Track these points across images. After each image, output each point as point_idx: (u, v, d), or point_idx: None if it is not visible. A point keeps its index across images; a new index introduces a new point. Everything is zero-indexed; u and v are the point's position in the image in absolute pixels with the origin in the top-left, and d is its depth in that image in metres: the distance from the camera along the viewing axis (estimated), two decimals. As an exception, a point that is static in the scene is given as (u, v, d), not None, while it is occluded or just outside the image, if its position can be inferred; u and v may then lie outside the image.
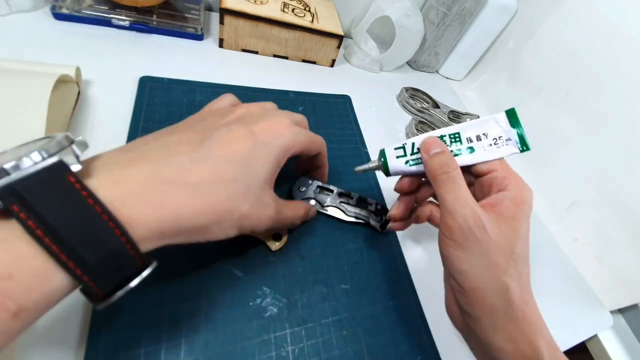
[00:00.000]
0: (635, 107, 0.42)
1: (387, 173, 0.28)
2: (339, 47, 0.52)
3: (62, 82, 0.29)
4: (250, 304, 0.27)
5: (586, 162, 0.47)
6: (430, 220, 0.29)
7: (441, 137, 0.26)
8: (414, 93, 0.58)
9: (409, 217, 0.30)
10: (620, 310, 0.45)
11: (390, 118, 0.53)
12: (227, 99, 0.27)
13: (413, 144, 0.26)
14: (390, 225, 0.30)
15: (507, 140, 0.26)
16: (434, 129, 0.53)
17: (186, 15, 0.46)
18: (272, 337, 0.26)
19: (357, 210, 0.34)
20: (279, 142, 0.24)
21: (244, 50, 0.49)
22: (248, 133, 0.22)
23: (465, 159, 0.26)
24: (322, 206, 0.34)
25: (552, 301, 0.41)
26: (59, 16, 0.39)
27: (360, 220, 0.34)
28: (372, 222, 0.34)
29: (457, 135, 0.26)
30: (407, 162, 0.27)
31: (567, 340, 0.38)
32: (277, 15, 0.46)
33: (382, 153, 0.28)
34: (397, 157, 0.27)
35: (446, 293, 0.25)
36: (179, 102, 0.37)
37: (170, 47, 0.44)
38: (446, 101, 0.59)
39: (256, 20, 0.45)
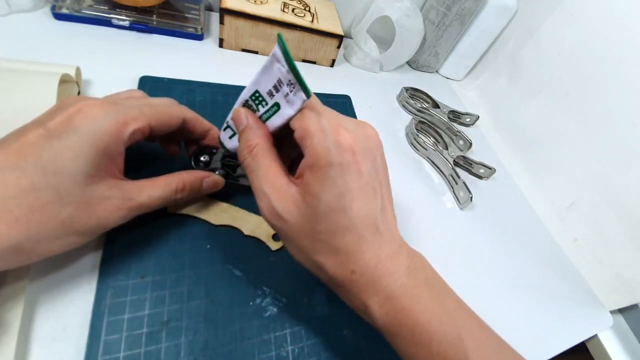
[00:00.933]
0: (636, 107, 0.42)
1: (229, 151, 0.27)
2: (339, 47, 0.52)
3: (62, 81, 0.29)
4: (250, 303, 0.27)
5: (586, 162, 0.47)
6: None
7: (246, 103, 0.23)
8: (413, 93, 0.58)
9: None
10: (620, 310, 0.45)
11: (390, 118, 0.53)
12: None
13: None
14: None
15: (292, 85, 0.20)
16: (434, 130, 0.53)
17: (186, 15, 0.46)
18: (272, 337, 0.26)
19: None
20: (90, 127, 0.20)
21: (244, 50, 0.49)
22: (40, 132, 0.19)
23: (275, 121, 0.22)
24: (234, 176, 0.30)
25: (552, 301, 0.41)
26: (59, 16, 0.39)
27: None
28: None
29: (258, 95, 0.22)
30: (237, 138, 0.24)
31: (567, 340, 0.38)
32: (277, 15, 0.46)
33: (219, 139, 0.27)
34: (230, 137, 0.26)
35: None
36: (179, 102, 0.37)
37: (170, 47, 0.44)
38: (446, 101, 0.59)
39: (256, 20, 0.45)
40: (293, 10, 0.49)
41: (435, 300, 0.21)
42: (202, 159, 0.29)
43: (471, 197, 0.43)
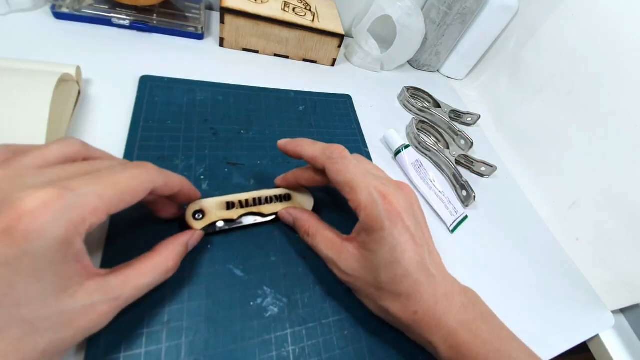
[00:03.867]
0: (637, 107, 0.42)
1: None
2: (339, 46, 0.52)
3: (62, 81, 0.29)
4: (251, 303, 0.27)
5: (587, 162, 0.47)
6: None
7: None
8: (415, 92, 0.58)
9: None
10: (622, 310, 0.45)
11: (391, 117, 0.53)
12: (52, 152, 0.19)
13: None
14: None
15: None
16: (435, 129, 0.53)
17: (187, 14, 0.46)
18: (273, 337, 0.26)
19: (273, 207, 0.31)
20: (40, 243, 0.15)
21: (244, 50, 0.49)
22: None
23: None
24: (234, 221, 0.29)
25: (554, 301, 0.41)
26: (59, 15, 0.39)
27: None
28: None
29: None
30: None
31: (568, 340, 0.37)
32: (278, 14, 0.46)
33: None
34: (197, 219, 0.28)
35: None
36: (179, 102, 0.37)
37: (170, 46, 0.44)
38: (447, 100, 0.58)
39: (257, 19, 0.45)
40: (294, 9, 0.49)
41: (491, 332, 0.24)
42: (197, 217, 0.27)
43: (474, 196, 0.43)
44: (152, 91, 0.36)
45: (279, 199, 0.31)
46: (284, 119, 0.41)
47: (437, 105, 0.57)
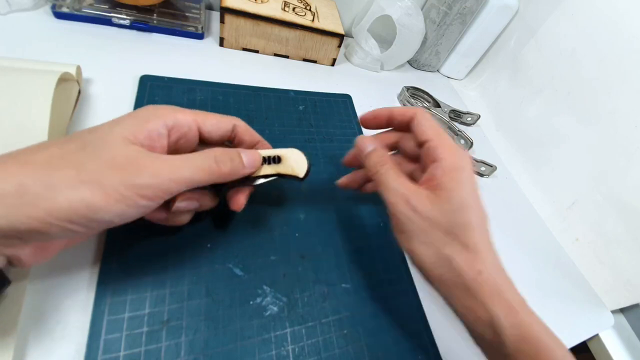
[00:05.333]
0: (637, 107, 0.42)
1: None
2: (339, 46, 0.52)
3: (63, 80, 0.29)
4: (251, 302, 0.27)
5: (587, 162, 0.47)
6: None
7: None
8: (415, 92, 0.58)
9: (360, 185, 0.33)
10: (622, 310, 0.45)
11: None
12: None
13: None
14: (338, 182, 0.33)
15: None
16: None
17: (187, 14, 0.46)
18: (273, 336, 0.26)
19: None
20: (133, 112, 0.22)
21: (244, 49, 0.49)
22: None
23: None
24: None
25: (553, 301, 0.41)
26: (59, 15, 0.39)
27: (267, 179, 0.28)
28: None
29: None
30: None
31: (568, 339, 0.37)
32: (278, 14, 0.46)
33: None
34: None
35: None
36: (179, 101, 0.37)
37: (170, 46, 0.44)
38: (447, 100, 0.59)
39: (257, 19, 0.45)
40: (294, 9, 0.49)
41: (543, 322, 0.22)
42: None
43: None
44: (152, 91, 0.36)
45: (267, 160, 0.27)
46: (284, 119, 0.41)
47: (437, 105, 0.57)
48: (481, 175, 0.51)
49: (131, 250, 0.26)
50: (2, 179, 0.16)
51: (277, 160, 0.27)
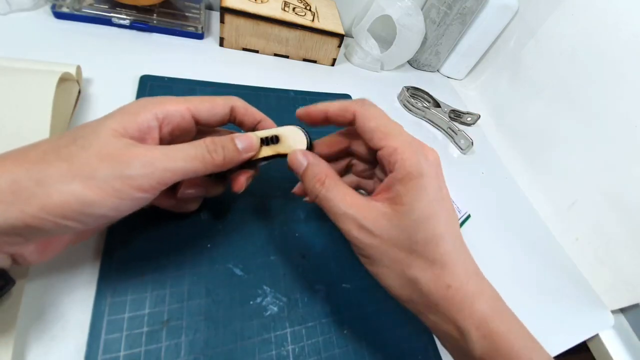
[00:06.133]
0: (637, 107, 0.42)
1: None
2: (339, 46, 0.52)
3: (63, 80, 0.29)
4: (251, 302, 0.27)
5: (587, 162, 0.47)
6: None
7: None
8: (414, 92, 0.58)
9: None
10: (622, 310, 0.45)
11: (391, 117, 0.53)
12: None
13: None
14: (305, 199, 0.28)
15: None
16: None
17: (187, 14, 0.46)
18: (273, 336, 0.26)
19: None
20: (124, 105, 0.21)
21: (244, 49, 0.49)
22: None
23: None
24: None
25: (553, 301, 0.41)
26: (59, 15, 0.39)
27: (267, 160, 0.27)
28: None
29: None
30: None
31: (568, 339, 0.37)
32: (278, 14, 0.46)
33: None
34: None
35: None
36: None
37: (170, 46, 0.44)
38: (447, 100, 0.58)
39: (257, 19, 0.45)
40: (294, 9, 0.49)
41: (521, 325, 0.21)
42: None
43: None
44: (152, 91, 0.36)
45: (265, 141, 0.25)
46: (284, 119, 0.41)
47: (437, 105, 0.57)
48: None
49: (131, 250, 0.26)
50: None
51: (275, 140, 0.26)
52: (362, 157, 0.27)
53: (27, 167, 0.17)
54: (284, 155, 0.26)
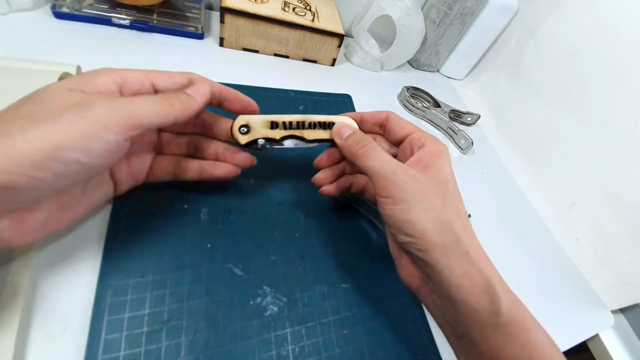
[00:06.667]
0: (637, 107, 0.42)
1: (241, 146, 0.28)
2: (339, 46, 0.52)
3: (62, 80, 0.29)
4: (251, 302, 0.27)
5: (587, 162, 0.47)
6: (364, 191, 0.32)
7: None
8: (414, 92, 0.58)
9: (340, 182, 0.31)
10: (622, 310, 0.45)
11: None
12: None
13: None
14: (321, 189, 0.31)
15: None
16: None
17: (187, 14, 0.46)
18: (273, 336, 0.26)
19: (315, 133, 0.30)
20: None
21: (244, 49, 0.49)
22: None
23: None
24: (276, 141, 0.29)
25: (553, 300, 0.41)
26: (59, 15, 0.39)
27: (321, 142, 0.30)
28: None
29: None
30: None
31: (568, 339, 0.37)
32: (278, 14, 0.46)
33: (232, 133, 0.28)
34: (243, 133, 0.28)
35: (397, 262, 0.27)
36: (179, 101, 0.37)
37: (170, 46, 0.44)
38: (447, 100, 0.58)
39: (257, 19, 0.45)
40: (294, 9, 0.49)
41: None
42: (241, 130, 0.28)
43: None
44: (152, 91, 0.36)
45: (322, 125, 0.30)
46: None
47: (437, 105, 0.57)
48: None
49: (131, 250, 0.26)
50: None
51: (330, 125, 0.30)
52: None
53: None
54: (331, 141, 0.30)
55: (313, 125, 0.30)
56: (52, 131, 0.17)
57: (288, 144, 0.29)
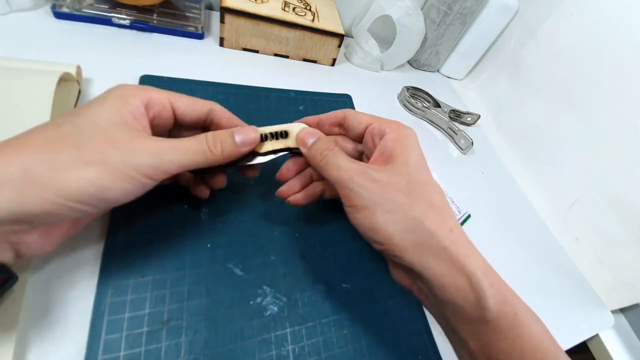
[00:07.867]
0: (637, 107, 0.42)
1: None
2: (339, 46, 0.52)
3: (63, 80, 0.29)
4: (251, 302, 0.27)
5: (587, 162, 0.47)
6: (324, 195, 0.29)
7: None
8: (414, 92, 0.57)
9: (309, 189, 0.29)
10: (622, 310, 0.45)
11: (391, 117, 0.52)
12: None
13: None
14: (287, 200, 0.28)
15: None
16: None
17: (187, 14, 0.46)
18: (273, 336, 0.26)
19: (270, 144, 0.27)
20: (113, 93, 0.22)
21: (244, 49, 0.49)
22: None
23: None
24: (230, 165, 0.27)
25: (553, 301, 0.41)
26: (59, 15, 0.39)
27: (277, 154, 0.28)
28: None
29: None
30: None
31: (568, 339, 0.37)
32: (278, 14, 0.46)
33: None
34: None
35: (388, 262, 0.26)
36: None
37: (170, 46, 0.44)
38: (447, 100, 0.58)
39: (257, 19, 0.45)
40: (294, 9, 0.49)
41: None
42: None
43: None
44: (152, 91, 0.36)
45: (274, 136, 0.27)
46: (284, 119, 0.41)
47: (437, 105, 0.57)
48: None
49: (131, 250, 0.26)
50: (5, 164, 0.16)
51: (284, 135, 0.28)
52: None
53: (35, 153, 0.17)
54: (292, 150, 0.27)
55: (265, 137, 0.27)
56: (101, 173, 0.18)
57: (243, 162, 0.27)
